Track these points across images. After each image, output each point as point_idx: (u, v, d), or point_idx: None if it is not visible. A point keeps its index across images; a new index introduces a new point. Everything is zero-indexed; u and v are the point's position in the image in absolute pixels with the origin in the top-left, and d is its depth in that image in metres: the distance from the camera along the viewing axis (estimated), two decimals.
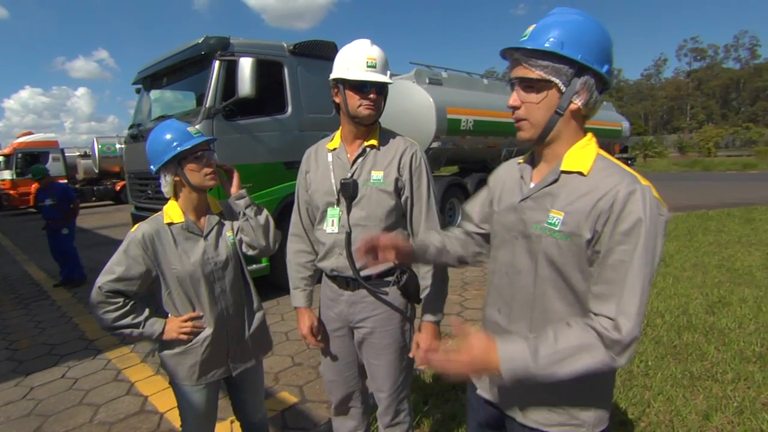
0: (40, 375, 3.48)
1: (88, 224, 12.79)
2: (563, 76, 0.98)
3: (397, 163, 1.62)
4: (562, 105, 1.00)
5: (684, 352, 3.08)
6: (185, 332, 1.61)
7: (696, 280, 4.69)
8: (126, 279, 1.55)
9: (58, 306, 5.23)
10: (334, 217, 1.64)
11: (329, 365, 1.79)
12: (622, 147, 14.66)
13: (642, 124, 56.24)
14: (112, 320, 1.55)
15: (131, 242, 1.57)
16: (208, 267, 1.63)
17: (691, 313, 3.76)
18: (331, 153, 1.69)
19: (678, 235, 7.00)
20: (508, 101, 1.07)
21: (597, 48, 0.98)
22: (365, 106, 1.55)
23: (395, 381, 1.70)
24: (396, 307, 1.67)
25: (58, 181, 6.26)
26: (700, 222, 8.05)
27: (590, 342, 0.91)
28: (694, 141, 37.00)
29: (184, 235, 1.62)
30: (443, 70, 7.99)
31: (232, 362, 1.72)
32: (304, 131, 5.15)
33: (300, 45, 5.16)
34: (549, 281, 1.04)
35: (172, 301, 1.63)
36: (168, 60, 5.04)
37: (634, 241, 0.91)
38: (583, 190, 0.99)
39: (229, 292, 1.68)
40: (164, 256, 1.59)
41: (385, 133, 1.69)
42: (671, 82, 73.39)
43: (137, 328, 1.58)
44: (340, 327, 1.73)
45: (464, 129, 7.51)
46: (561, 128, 1.03)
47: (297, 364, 3.39)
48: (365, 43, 1.57)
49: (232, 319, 1.70)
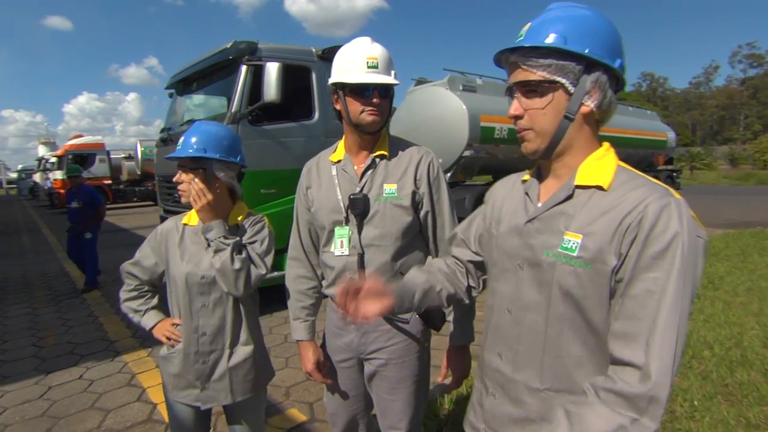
0: (59, 374, 3.52)
1: (127, 224, 13.30)
2: (570, 75, 0.84)
3: (413, 174, 1.44)
4: (571, 108, 0.85)
5: (738, 393, 2.72)
6: (167, 336, 1.59)
7: (751, 307, 4.24)
8: (139, 265, 1.64)
9: (88, 305, 5.36)
10: (344, 238, 1.45)
11: (334, 397, 1.61)
12: (667, 158, 13.90)
13: (689, 135, 53.58)
14: (123, 299, 1.66)
15: (153, 234, 1.65)
16: (194, 278, 1.52)
17: (745, 346, 3.35)
18: (335, 166, 1.51)
19: (729, 254, 6.45)
20: (508, 110, 0.91)
21: (606, 40, 0.84)
22: (368, 111, 1.38)
23: (412, 418, 1.52)
24: (414, 336, 1.49)
25: (86, 184, 6.23)
26: (755, 240, 7.40)
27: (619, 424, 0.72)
28: (748, 152, 34.80)
29: (192, 238, 1.58)
30: (478, 77, 7.77)
31: (202, 391, 1.57)
32: (331, 137, 5.07)
33: (328, 50, 5.09)
34: (565, 319, 0.85)
35: (169, 300, 1.62)
36: (198, 65, 5.09)
37: (667, 267, 0.74)
38: (605, 207, 0.82)
39: (210, 311, 1.54)
40: (169, 254, 1.59)
41: (395, 141, 1.52)
42: (723, 91, 69.49)
43: (138, 314, 1.65)
44: (349, 358, 1.54)
45: (498, 137, 7.27)
46: (572, 136, 0.88)
47: (309, 380, 3.26)
48: (365, 42, 1.40)
49: (206, 342, 1.55)
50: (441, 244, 1.48)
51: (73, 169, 6.22)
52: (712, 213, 11.87)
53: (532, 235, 0.91)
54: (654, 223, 0.76)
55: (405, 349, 1.48)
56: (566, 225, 0.86)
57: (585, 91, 0.84)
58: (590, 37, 0.84)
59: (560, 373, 0.86)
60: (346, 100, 1.40)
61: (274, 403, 2.94)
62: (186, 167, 1.49)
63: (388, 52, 1.42)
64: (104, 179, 18.79)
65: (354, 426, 1.64)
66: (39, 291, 6.13)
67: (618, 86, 0.89)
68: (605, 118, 0.90)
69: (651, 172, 12.46)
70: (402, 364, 1.48)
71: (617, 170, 0.87)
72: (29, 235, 12.02)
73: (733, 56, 70.25)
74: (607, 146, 0.91)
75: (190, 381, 1.56)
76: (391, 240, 1.42)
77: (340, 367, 1.57)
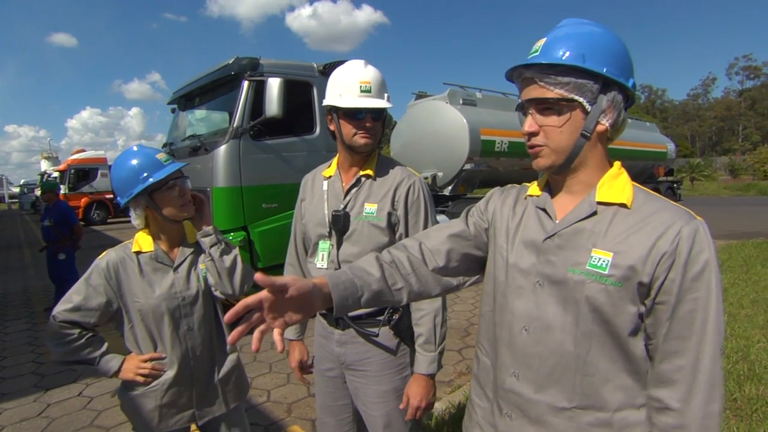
0: (58, 391, 3.48)
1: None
2: (588, 93, 0.84)
3: (391, 196, 1.47)
4: (588, 126, 0.86)
5: (747, 408, 2.68)
6: (142, 374, 1.45)
7: (757, 320, 4.19)
8: (83, 309, 1.42)
9: None
10: (324, 252, 1.51)
11: (324, 406, 1.64)
12: (668, 170, 13.92)
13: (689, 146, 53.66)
14: (64, 353, 1.42)
15: (94, 270, 1.46)
16: (174, 302, 1.48)
17: (753, 360, 3.31)
18: (327, 181, 1.57)
19: (732, 266, 6.41)
20: (523, 127, 0.90)
21: (620, 59, 0.86)
22: (361, 134, 1.43)
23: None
24: (391, 350, 1.49)
25: (62, 200, 5.75)
26: (758, 251, 7.35)
27: None
28: (748, 163, 34.82)
29: (152, 265, 1.49)
30: (478, 91, 7.84)
31: (198, 409, 1.55)
32: (332, 152, 5.07)
33: (330, 65, 5.14)
34: (593, 336, 0.85)
35: (134, 336, 1.49)
36: (200, 80, 5.14)
37: (705, 287, 0.79)
38: (633, 226, 0.83)
39: (197, 331, 1.53)
40: (128, 287, 1.46)
41: (384, 161, 1.56)
42: (721, 102, 69.82)
43: (92, 364, 1.45)
44: (333, 367, 1.58)
45: (499, 150, 7.29)
46: (586, 153, 0.88)
47: (312, 395, 3.22)
48: (358, 65, 1.45)
49: (199, 360, 1.54)
50: None
51: (48, 184, 5.80)
52: (713, 224, 11.77)
53: (553, 252, 0.89)
54: (691, 246, 0.79)
55: (383, 363, 1.48)
56: (593, 242, 0.85)
57: (601, 110, 0.85)
58: (607, 55, 0.84)
59: (588, 390, 0.86)
60: (339, 123, 1.45)
61: (276, 420, 2.90)
62: (179, 179, 1.48)
63: (381, 75, 1.46)
64: (106, 193, 18.86)
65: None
66: (39, 306, 6.10)
67: (629, 105, 0.90)
68: (615, 136, 0.91)
69: (651, 184, 12.53)
70: (381, 378, 1.48)
71: (634, 189, 0.89)
72: (30, 249, 12.00)
73: (730, 68, 70.87)
74: (619, 165, 0.92)
75: (184, 404, 1.53)
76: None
77: (326, 376, 1.60)
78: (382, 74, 1.47)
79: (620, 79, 0.84)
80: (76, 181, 18.38)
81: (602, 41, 0.85)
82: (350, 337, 1.50)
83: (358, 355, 1.49)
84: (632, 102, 0.90)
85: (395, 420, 1.48)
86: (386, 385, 1.48)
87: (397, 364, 1.50)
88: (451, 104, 7.16)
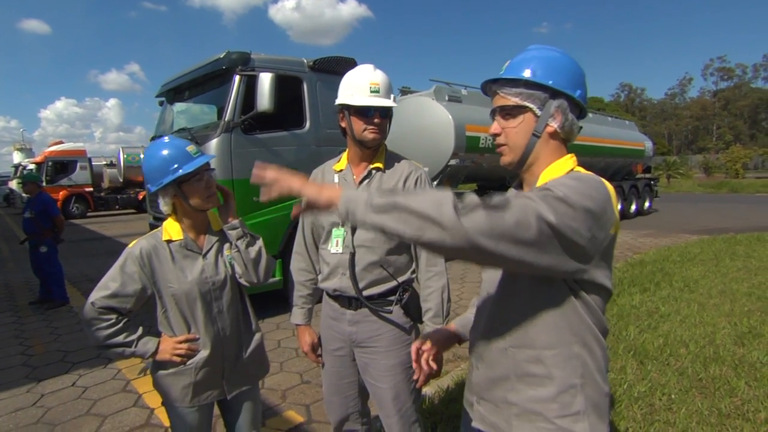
0: (51, 382, 3.51)
1: (110, 232, 13.11)
2: (537, 101, 1.04)
3: (402, 186, 1.63)
4: (538, 128, 1.05)
5: (711, 387, 2.90)
6: (179, 354, 1.56)
7: (723, 308, 4.46)
8: (120, 296, 1.51)
9: (75, 313, 5.31)
10: (339, 238, 1.65)
11: (330, 384, 1.78)
12: (645, 167, 14.35)
13: (666, 144, 55.11)
14: (103, 338, 1.51)
15: (128, 258, 1.54)
16: (206, 286, 1.59)
17: (718, 344, 3.55)
18: (338, 174, 1.71)
19: (704, 259, 6.73)
20: (489, 129, 1.12)
21: (567, 75, 1.04)
22: (370, 130, 1.58)
23: (404, 404, 1.65)
24: (401, 326, 1.65)
25: (44, 192, 5.67)
26: (727, 246, 7.72)
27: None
28: (721, 162, 35.99)
29: (182, 252, 1.59)
30: (463, 88, 8.00)
31: (227, 384, 1.67)
32: (322, 146, 5.17)
33: (320, 61, 5.21)
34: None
35: (168, 320, 1.59)
36: (191, 74, 5.15)
37: None
38: None
39: (226, 313, 1.64)
40: (161, 274, 1.55)
41: (391, 155, 1.71)
42: (697, 102, 71.77)
43: (129, 347, 1.54)
44: (342, 346, 1.72)
45: (483, 146, 7.47)
46: (539, 151, 1.07)
47: (305, 382, 3.33)
48: (369, 69, 1.61)
49: (229, 340, 1.65)
50: (420, 250, 1.67)
51: (28, 176, 5.69)
52: (688, 220, 12.29)
53: None
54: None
55: (393, 339, 1.64)
56: None
57: (550, 114, 1.03)
58: (555, 71, 1.04)
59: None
60: (350, 119, 1.59)
61: (271, 406, 3.00)
62: (206, 172, 1.57)
63: (388, 78, 1.62)
64: (85, 186, 18.48)
65: (349, 414, 1.78)
66: (22, 300, 6.02)
67: (581, 112, 1.08)
68: (570, 138, 1.08)
69: (630, 180, 12.92)
70: (390, 353, 1.64)
71: (569, 173, 1.02)
72: (7, 243, 11.74)
73: (705, 69, 72.95)
74: (569, 156, 1.08)
75: (215, 381, 1.64)
76: (379, 242, 1.61)
77: (334, 355, 1.74)
78: (389, 77, 1.62)
79: (566, 90, 1.03)
80: (54, 173, 17.95)
81: (553, 61, 1.05)
82: (362, 316, 1.64)
83: (369, 333, 1.64)
84: (584, 112, 1.09)
85: (402, 391, 1.64)
86: (395, 359, 1.63)
87: (405, 339, 1.65)
88: (437, 100, 7.30)
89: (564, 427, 0.98)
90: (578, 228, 0.85)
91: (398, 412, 1.64)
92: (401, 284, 1.62)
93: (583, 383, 0.98)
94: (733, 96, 67.49)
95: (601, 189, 0.93)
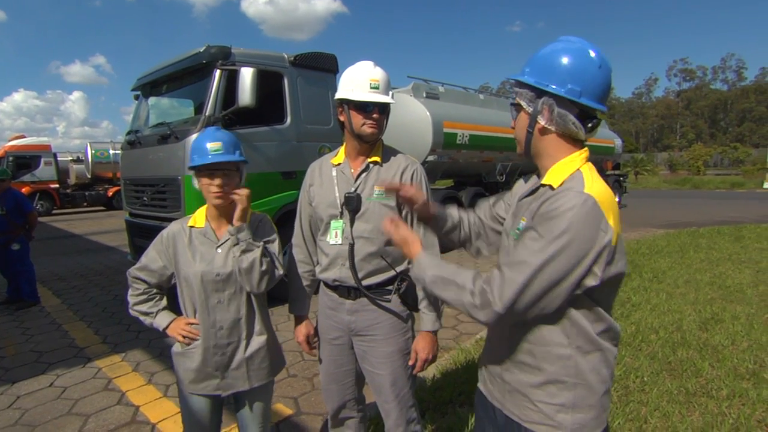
0: (27, 383, 3.40)
1: (79, 230, 12.65)
2: (526, 99, 1.10)
3: (399, 179, 1.68)
4: (530, 125, 1.10)
5: (679, 369, 3.10)
6: (183, 334, 1.65)
7: (689, 297, 4.73)
8: (147, 270, 1.69)
9: (47, 313, 5.14)
10: (338, 229, 1.68)
11: (327, 373, 1.82)
12: (615, 164, 14.83)
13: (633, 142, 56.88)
14: (132, 303, 1.71)
15: (159, 237, 1.70)
16: (210, 276, 1.62)
17: (684, 330, 3.78)
18: (336, 168, 1.74)
19: (670, 251, 7.07)
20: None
21: (557, 71, 1.04)
22: (368, 125, 1.62)
23: (401, 389, 1.71)
24: (398, 315, 1.70)
25: (14, 189, 5.49)
26: (691, 239, 8.13)
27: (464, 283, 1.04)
28: (684, 159, 37.50)
29: (200, 239, 1.66)
30: (440, 85, 8.09)
31: (222, 380, 1.68)
32: (302, 142, 5.17)
33: (301, 56, 5.20)
34: None
35: (182, 301, 1.68)
36: (169, 68, 5.05)
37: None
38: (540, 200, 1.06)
39: (226, 306, 1.65)
40: (178, 256, 1.65)
41: (388, 150, 1.76)
42: (662, 101, 74.49)
43: (149, 316, 1.71)
44: (340, 336, 1.75)
45: (460, 143, 7.59)
46: (537, 145, 1.12)
47: (292, 376, 3.35)
48: (369, 65, 1.64)
49: (224, 335, 1.65)
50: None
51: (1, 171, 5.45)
52: (655, 215, 12.81)
53: (510, 218, 1.21)
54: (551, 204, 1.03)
55: (391, 327, 1.69)
56: (524, 213, 1.11)
57: (537, 112, 1.07)
58: (543, 69, 1.06)
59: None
60: (350, 114, 1.62)
61: None
62: (219, 171, 1.56)
63: (387, 76, 1.65)
64: (51, 183, 17.72)
65: (346, 402, 1.83)
66: None
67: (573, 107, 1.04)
68: (573, 134, 1.06)
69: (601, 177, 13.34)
70: (388, 341, 1.69)
71: (574, 173, 1.03)
72: None
73: (669, 70, 75.74)
74: (577, 154, 1.07)
75: (210, 372, 1.65)
76: (377, 233, 1.63)
77: (332, 344, 1.78)
78: (388, 75, 1.65)
79: (549, 87, 1.03)
80: (16, 169, 17.09)
81: (546, 57, 1.07)
82: (361, 305, 1.69)
83: (368, 322, 1.69)
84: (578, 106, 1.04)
85: (400, 377, 1.70)
86: (392, 347, 1.69)
87: (402, 327, 1.71)
88: (414, 97, 7.35)
89: (546, 412, 1.06)
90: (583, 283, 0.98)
91: (396, 397, 1.69)
92: (399, 274, 1.66)
93: (575, 383, 1.04)
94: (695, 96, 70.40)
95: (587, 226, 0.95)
